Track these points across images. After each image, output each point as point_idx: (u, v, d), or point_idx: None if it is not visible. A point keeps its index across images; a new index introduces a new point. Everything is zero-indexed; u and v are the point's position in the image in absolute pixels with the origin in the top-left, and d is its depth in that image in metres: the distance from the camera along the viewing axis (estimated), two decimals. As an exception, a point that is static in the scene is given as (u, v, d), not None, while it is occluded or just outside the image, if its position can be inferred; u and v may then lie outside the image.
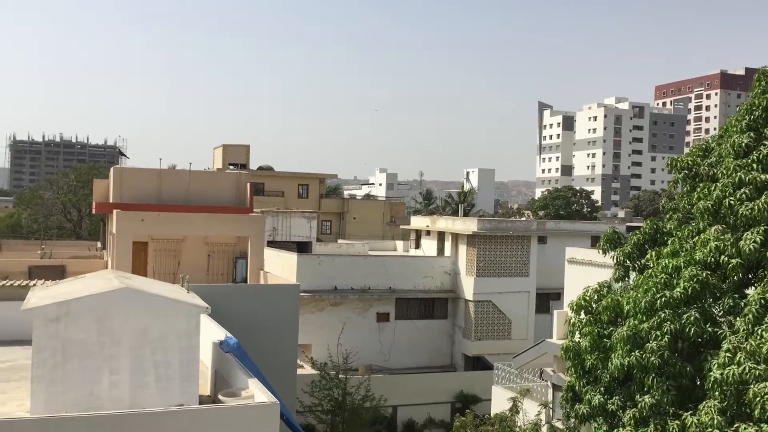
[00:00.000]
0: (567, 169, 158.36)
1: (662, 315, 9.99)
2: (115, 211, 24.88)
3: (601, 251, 13.13)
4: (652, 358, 9.82)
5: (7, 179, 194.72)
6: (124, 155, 73.43)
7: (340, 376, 23.94)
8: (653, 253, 11.43)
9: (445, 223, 34.39)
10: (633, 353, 10.09)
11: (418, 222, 38.54)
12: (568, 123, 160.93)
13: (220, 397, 9.72)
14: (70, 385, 9.07)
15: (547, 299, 32.06)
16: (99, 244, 36.69)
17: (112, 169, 28.33)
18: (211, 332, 12.36)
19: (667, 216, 12.68)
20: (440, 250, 33.65)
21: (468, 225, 31.68)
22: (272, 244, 32.65)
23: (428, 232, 35.80)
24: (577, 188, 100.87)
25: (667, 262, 10.62)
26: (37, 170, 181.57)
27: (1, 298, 15.15)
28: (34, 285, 15.17)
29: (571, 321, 12.25)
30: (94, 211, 30.25)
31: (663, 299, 10.08)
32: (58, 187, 59.81)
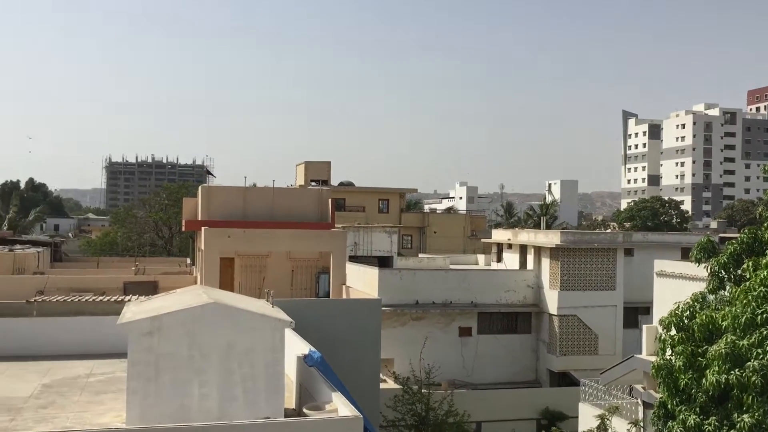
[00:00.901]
0: (654, 179, 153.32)
1: (764, 331, 9.48)
2: (203, 228, 25.72)
3: (694, 261, 12.61)
4: (754, 378, 9.31)
5: (104, 199, 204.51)
6: (211, 174, 75.89)
7: (422, 390, 23.86)
8: (750, 264, 10.88)
9: (527, 236, 33.89)
10: (732, 372, 9.60)
11: (499, 235, 38.11)
12: (655, 131, 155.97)
13: (304, 410, 9.87)
14: (162, 397, 9.40)
15: (635, 313, 31.04)
16: (189, 260, 37.98)
17: (200, 188, 29.33)
18: (296, 346, 12.57)
19: (766, 225, 12.06)
20: (522, 263, 33.14)
21: (551, 238, 31.10)
22: (354, 258, 32.98)
23: (510, 246, 35.33)
24: (666, 198, 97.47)
25: (766, 273, 10.10)
26: (131, 190, 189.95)
27: (99, 313, 15.90)
28: (129, 300, 15.84)
29: (662, 337, 11.81)
30: (183, 229, 31.37)
31: (765, 315, 9.57)
32: (150, 206, 62.37)
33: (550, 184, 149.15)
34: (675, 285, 19.10)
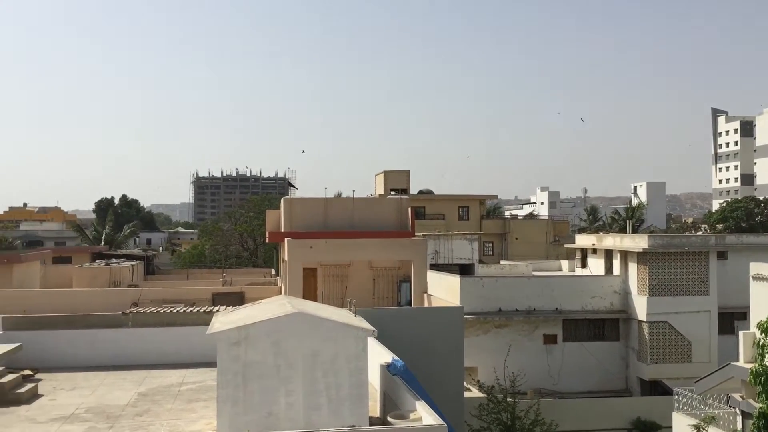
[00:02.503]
0: (748, 178, 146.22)
1: None
2: (286, 239, 26.30)
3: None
4: None
5: (192, 213, 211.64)
6: (293, 186, 77.45)
7: (508, 399, 23.52)
8: None
9: (612, 241, 32.97)
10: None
11: (583, 240, 37.23)
12: (747, 129, 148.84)
13: (389, 419, 9.91)
14: (250, 405, 9.64)
15: (730, 319, 29.66)
16: (273, 271, 38.85)
17: (282, 200, 30.00)
18: (379, 355, 12.65)
19: None
20: (608, 268, 32.25)
21: (638, 242, 30.14)
22: (435, 267, 32.91)
23: (594, 251, 34.44)
24: (761, 198, 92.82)
25: None
26: (217, 203, 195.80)
27: (190, 324, 16.45)
28: (217, 311, 16.33)
29: (761, 343, 11.25)
30: (267, 240, 32.11)
31: None
32: (236, 219, 64.17)
33: (635, 187, 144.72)
34: (773, 289, 18.13)
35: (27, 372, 14.11)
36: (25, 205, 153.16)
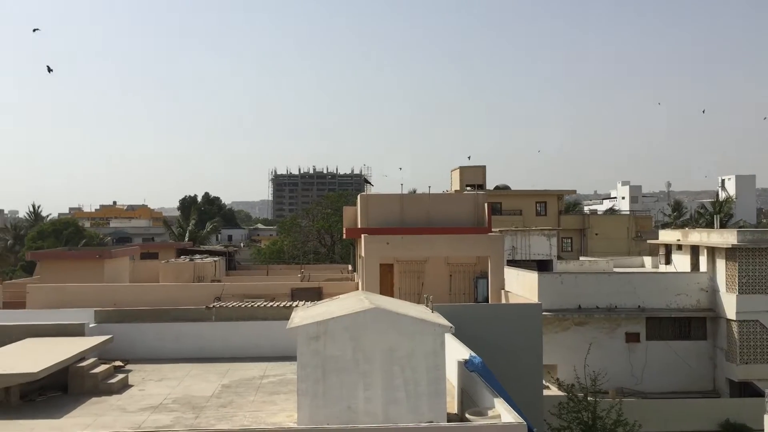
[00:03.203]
0: None
1: None
2: (362, 235, 26.52)
3: None
4: None
5: (271, 210, 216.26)
6: (369, 183, 78.01)
7: (588, 398, 23.04)
8: None
9: (698, 236, 31.77)
10: None
11: (667, 236, 36.04)
12: None
13: (467, 415, 9.87)
14: (330, 399, 9.79)
15: (828, 319, 28.13)
16: (350, 267, 39.27)
17: (359, 197, 30.28)
18: (456, 351, 12.61)
19: None
20: (694, 265, 31.11)
21: (726, 237, 28.94)
22: (512, 263, 32.55)
23: (679, 247, 33.28)
24: None
25: None
26: (295, 200, 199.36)
27: (270, 318, 16.82)
28: (296, 306, 16.63)
29: None
30: (344, 236, 32.48)
31: None
32: (313, 215, 65.15)
33: (723, 180, 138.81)
34: None
35: (118, 363, 14.74)
36: (114, 203, 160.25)
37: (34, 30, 35.88)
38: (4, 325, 15.62)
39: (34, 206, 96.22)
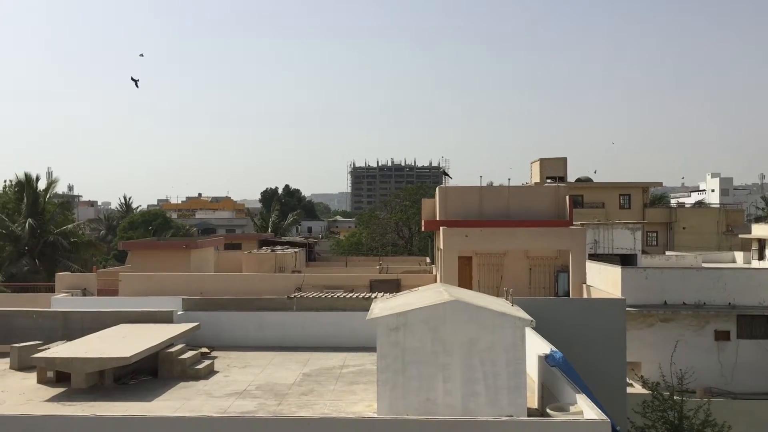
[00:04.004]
0: None
1: None
2: (441, 228, 26.46)
3: None
4: None
5: (349, 202, 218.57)
6: (448, 175, 77.62)
7: (675, 397, 22.30)
8: None
9: (795, 231, 30.20)
10: None
11: (761, 230, 34.45)
12: None
13: (548, 410, 9.74)
14: (409, 390, 9.84)
15: None
16: (428, 259, 39.27)
17: (437, 189, 30.20)
18: (536, 346, 12.45)
19: None
20: (791, 261, 29.62)
21: (826, 232, 27.39)
22: (594, 257, 31.81)
23: (774, 242, 31.74)
24: None
25: None
26: (373, 193, 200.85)
27: (349, 309, 17.03)
28: (375, 297, 16.78)
29: None
30: (423, 229, 32.49)
31: None
32: (391, 208, 65.47)
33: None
34: None
35: (204, 350, 15.25)
36: (199, 195, 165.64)
37: (134, 81, 37.68)
38: (99, 311, 16.44)
39: (125, 198, 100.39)
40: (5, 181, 55.82)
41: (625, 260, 34.56)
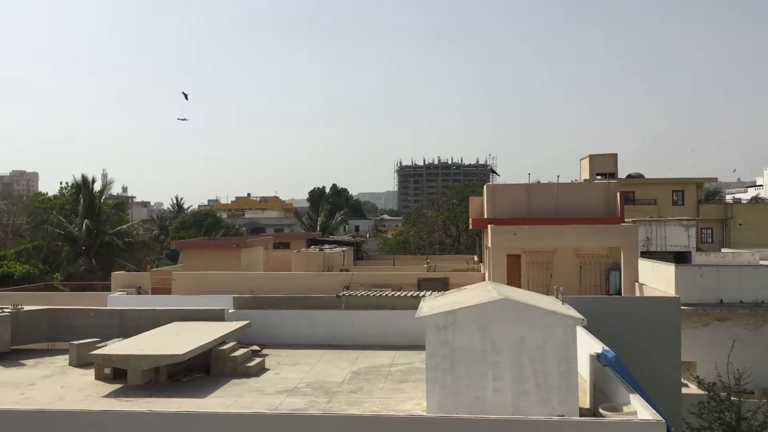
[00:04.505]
0: None
1: None
2: (489, 226, 26.30)
3: None
4: None
5: (396, 201, 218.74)
6: (495, 173, 77.09)
7: (732, 398, 21.71)
8: None
9: None
10: None
11: (822, 226, 33.23)
12: None
13: (600, 410, 9.59)
14: (458, 388, 9.80)
15: None
16: (476, 257, 39.06)
17: (485, 187, 30.02)
18: (588, 345, 12.27)
19: None
20: None
21: None
22: (646, 254, 31.16)
23: (837, 238, 30.60)
24: None
25: None
26: (420, 191, 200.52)
27: (397, 307, 17.05)
28: (423, 295, 16.76)
29: None
30: (470, 227, 32.33)
31: None
32: (438, 206, 65.30)
33: None
34: None
35: (255, 347, 15.45)
36: (248, 195, 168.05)
37: (185, 95, 38.67)
38: (153, 310, 16.82)
39: (176, 198, 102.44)
40: (63, 184, 57.60)
41: (679, 258, 33.76)
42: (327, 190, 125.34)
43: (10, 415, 9.55)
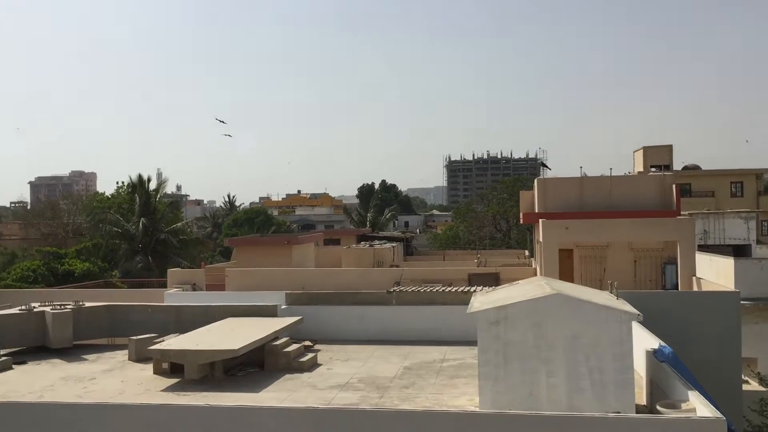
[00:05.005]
0: None
1: None
2: (540, 220, 25.99)
3: None
4: None
5: (446, 196, 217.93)
6: (546, 166, 76.18)
7: (795, 396, 21.03)
8: None
9: None
10: None
11: None
12: None
13: (657, 407, 9.40)
14: (511, 384, 9.74)
15: None
16: (526, 252, 38.64)
17: (536, 181, 29.65)
18: (644, 340, 12.04)
19: None
20: None
21: None
22: (703, 248, 30.37)
23: None
24: None
25: None
26: (469, 186, 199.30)
27: (448, 303, 17.01)
28: (474, 291, 16.68)
29: None
30: (521, 221, 32.00)
31: None
32: (488, 201, 64.82)
33: None
34: None
35: (307, 343, 15.62)
36: (299, 192, 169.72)
37: (221, 121, 39.38)
38: (208, 306, 17.15)
39: (228, 196, 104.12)
40: (119, 183, 59.14)
41: (738, 251, 32.81)
42: (376, 187, 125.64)
43: (75, 408, 9.87)
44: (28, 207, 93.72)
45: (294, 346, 14.57)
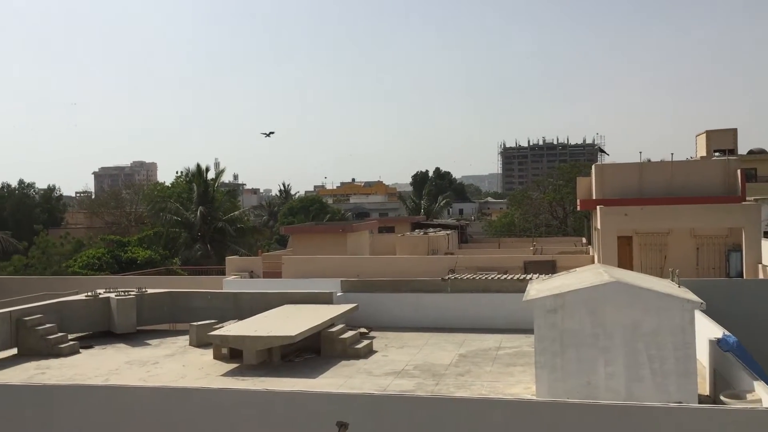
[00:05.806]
0: None
1: None
2: (598, 207, 25.52)
3: None
4: None
5: (500, 183, 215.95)
6: (604, 152, 74.69)
7: None
8: None
9: None
10: None
11: None
12: None
13: (721, 397, 9.16)
14: (568, 372, 9.63)
15: None
16: (584, 240, 38.02)
17: (593, 167, 29.11)
18: (707, 329, 11.73)
19: None
20: None
21: None
22: (771, 234, 29.32)
23: None
24: None
25: None
26: (525, 173, 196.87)
27: (503, 290, 16.88)
28: (530, 278, 16.51)
29: None
30: (578, 208, 31.47)
31: None
32: (544, 187, 63.94)
33: None
34: None
35: (363, 330, 15.74)
36: (353, 180, 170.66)
37: (267, 134, 39.64)
38: (265, 293, 17.45)
39: (284, 185, 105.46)
40: (179, 173, 60.52)
41: (808, 238, 31.55)
42: (430, 174, 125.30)
43: (139, 391, 10.19)
44: (93, 197, 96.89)
45: (349, 333, 14.71)
